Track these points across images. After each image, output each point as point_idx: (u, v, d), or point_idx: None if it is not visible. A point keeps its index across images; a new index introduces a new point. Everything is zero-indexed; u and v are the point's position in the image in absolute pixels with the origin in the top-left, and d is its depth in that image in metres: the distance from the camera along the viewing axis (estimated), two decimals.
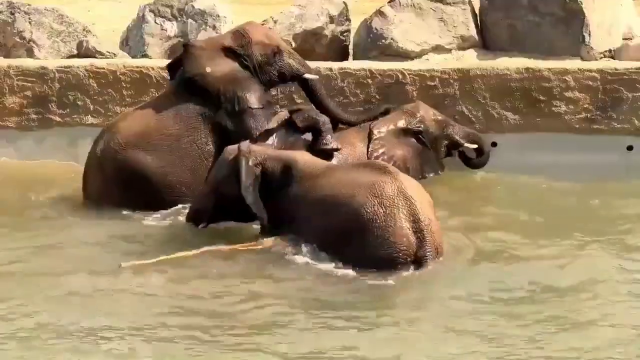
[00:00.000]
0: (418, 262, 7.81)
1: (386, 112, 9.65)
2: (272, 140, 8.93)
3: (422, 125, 9.50)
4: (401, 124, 9.49)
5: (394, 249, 7.77)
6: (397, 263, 7.78)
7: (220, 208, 8.45)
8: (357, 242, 7.81)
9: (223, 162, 8.49)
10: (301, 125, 9.07)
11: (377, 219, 7.78)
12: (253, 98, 9.22)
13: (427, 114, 9.58)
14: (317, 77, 9.59)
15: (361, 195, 7.84)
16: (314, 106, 9.44)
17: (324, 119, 9.14)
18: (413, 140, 9.48)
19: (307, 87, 9.50)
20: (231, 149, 8.50)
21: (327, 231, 7.92)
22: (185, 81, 9.21)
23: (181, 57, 9.37)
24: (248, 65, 9.29)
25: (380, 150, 9.29)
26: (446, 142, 9.59)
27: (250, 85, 9.25)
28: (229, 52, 9.30)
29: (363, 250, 7.80)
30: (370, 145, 9.30)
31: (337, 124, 9.46)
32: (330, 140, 9.04)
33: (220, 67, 9.23)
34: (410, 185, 7.99)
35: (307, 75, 9.46)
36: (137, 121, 9.24)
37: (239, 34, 9.39)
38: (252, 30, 9.43)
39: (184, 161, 9.13)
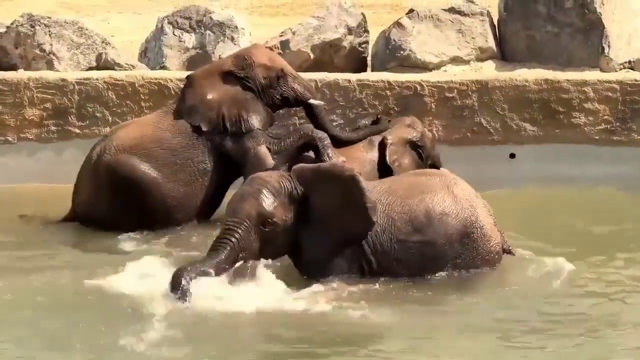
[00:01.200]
0: (507, 252, 8.08)
1: (376, 121, 9.58)
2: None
3: (421, 140, 9.50)
4: (408, 135, 9.47)
5: (497, 243, 7.99)
6: (499, 256, 8.00)
7: (270, 243, 7.75)
8: (467, 246, 7.85)
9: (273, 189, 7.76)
10: (298, 144, 9.04)
11: (477, 220, 7.90)
12: (256, 119, 9.16)
13: (425, 130, 9.62)
14: (323, 103, 9.52)
15: (455, 202, 7.88)
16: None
17: (320, 134, 9.10)
18: (414, 152, 9.47)
19: (311, 112, 9.41)
20: (263, 176, 7.86)
21: (430, 244, 7.81)
22: (187, 109, 9.13)
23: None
24: (251, 87, 9.24)
25: (395, 157, 9.29)
26: (430, 161, 9.56)
27: (254, 107, 9.20)
28: (229, 76, 9.24)
29: (475, 252, 7.88)
30: (387, 151, 9.24)
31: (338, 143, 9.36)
32: (332, 155, 9.00)
33: (221, 93, 9.19)
34: None
35: (311, 101, 9.37)
36: (135, 131, 9.22)
37: (241, 56, 9.33)
38: (255, 52, 9.37)
39: (178, 175, 9.07)
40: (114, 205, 9.00)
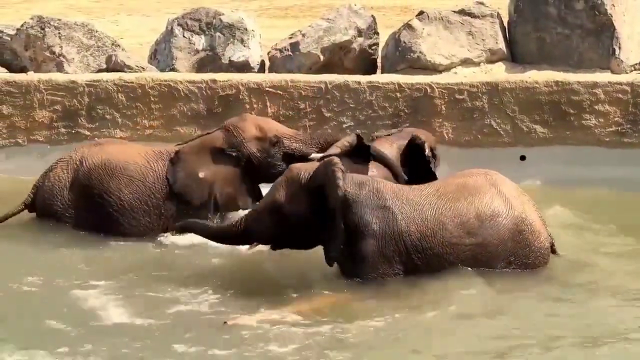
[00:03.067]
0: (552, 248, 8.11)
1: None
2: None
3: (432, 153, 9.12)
4: (432, 140, 9.26)
5: (547, 238, 7.98)
6: (549, 252, 7.99)
7: (281, 231, 7.80)
8: (519, 244, 7.83)
9: (295, 179, 7.80)
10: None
11: (527, 217, 7.88)
12: (247, 201, 9.01)
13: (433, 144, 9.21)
14: (319, 156, 8.82)
15: (504, 201, 7.84)
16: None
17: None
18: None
19: None
20: (299, 168, 7.87)
21: (483, 246, 7.76)
22: (179, 187, 8.99)
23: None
24: (244, 164, 9.01)
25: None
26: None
27: (242, 188, 9.03)
28: (220, 154, 9.02)
29: (527, 249, 7.85)
30: (426, 146, 8.93)
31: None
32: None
33: (213, 173, 8.99)
34: None
35: (313, 156, 8.90)
36: (140, 171, 9.03)
37: (231, 132, 9.06)
38: (243, 127, 9.03)
39: (155, 232, 9.00)
40: (81, 218, 9.04)
